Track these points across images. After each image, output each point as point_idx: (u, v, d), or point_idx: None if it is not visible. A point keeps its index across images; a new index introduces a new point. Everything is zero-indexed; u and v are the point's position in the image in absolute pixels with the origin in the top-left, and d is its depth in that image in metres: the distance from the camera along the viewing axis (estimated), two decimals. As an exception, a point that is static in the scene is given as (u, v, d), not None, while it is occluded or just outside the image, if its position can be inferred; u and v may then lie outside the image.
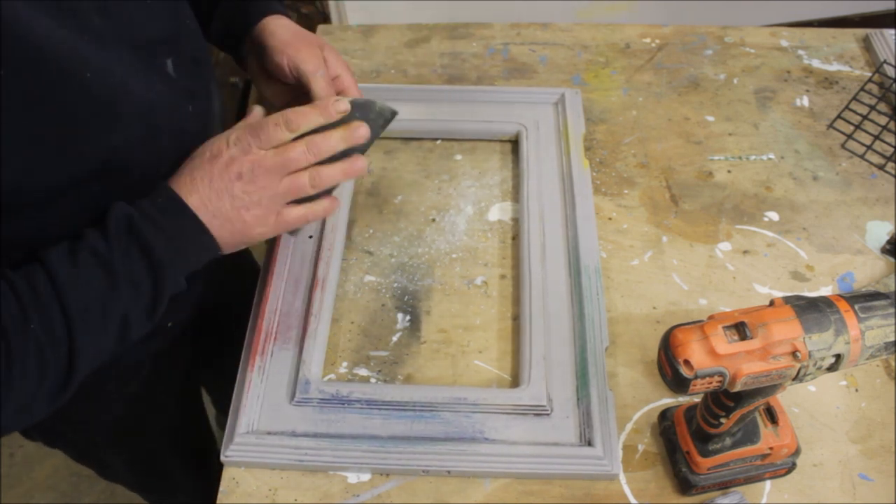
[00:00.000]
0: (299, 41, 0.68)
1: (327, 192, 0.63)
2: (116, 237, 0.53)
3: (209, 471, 0.95)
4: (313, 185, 0.60)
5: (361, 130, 0.61)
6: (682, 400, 0.67)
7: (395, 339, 0.73)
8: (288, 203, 0.61)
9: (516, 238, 0.80)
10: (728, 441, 0.59)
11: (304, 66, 0.66)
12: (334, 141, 0.60)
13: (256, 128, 0.58)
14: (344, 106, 0.61)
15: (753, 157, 0.89)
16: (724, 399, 0.55)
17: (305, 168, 0.60)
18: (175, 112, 0.60)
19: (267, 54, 0.68)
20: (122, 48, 0.54)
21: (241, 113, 2.00)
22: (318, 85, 0.66)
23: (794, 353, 0.50)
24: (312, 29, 1.04)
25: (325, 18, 2.03)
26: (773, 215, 0.83)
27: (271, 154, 0.58)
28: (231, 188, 0.57)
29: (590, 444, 0.63)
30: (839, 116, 0.91)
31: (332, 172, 0.61)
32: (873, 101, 0.92)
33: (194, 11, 0.67)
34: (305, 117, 0.59)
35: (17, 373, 0.49)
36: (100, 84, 0.51)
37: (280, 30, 0.70)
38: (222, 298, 0.82)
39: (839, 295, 0.52)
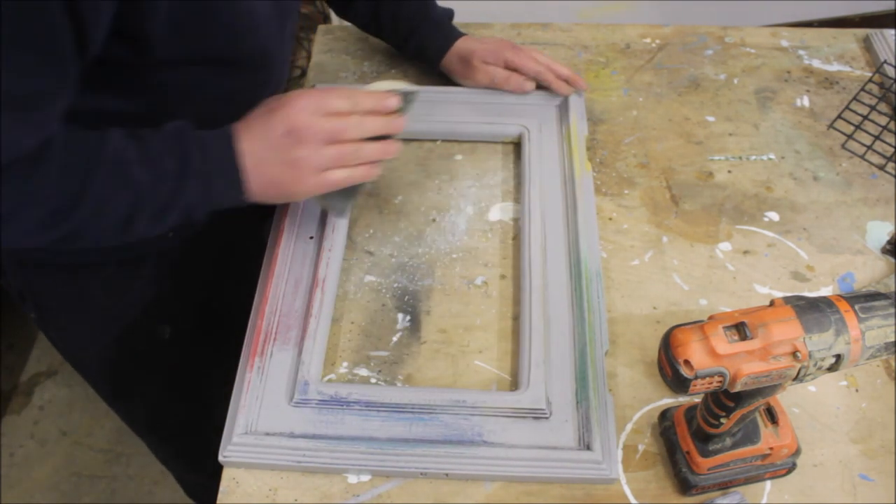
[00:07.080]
0: (497, 49, 0.89)
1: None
2: (165, 134, 0.60)
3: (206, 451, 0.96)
4: (356, 157, 0.65)
5: (399, 122, 0.67)
6: (683, 400, 0.67)
7: (395, 339, 0.73)
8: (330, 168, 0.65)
9: (517, 238, 0.80)
10: (728, 441, 0.59)
11: (524, 69, 0.89)
12: (379, 124, 0.66)
13: (322, 93, 0.63)
14: (395, 103, 0.66)
15: (754, 158, 0.89)
16: (725, 399, 0.55)
17: (350, 141, 0.64)
18: (271, 28, 0.68)
19: (472, 72, 0.90)
20: None
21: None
22: (554, 85, 0.90)
23: (794, 354, 0.50)
24: (313, 29, 1.04)
25: (326, 18, 2.03)
26: (774, 215, 0.82)
27: (324, 120, 0.62)
28: (280, 143, 0.62)
29: (588, 447, 0.63)
30: (839, 117, 0.91)
31: (372, 150, 0.66)
32: (873, 102, 0.92)
33: None
34: (367, 100, 0.65)
35: (42, 173, 0.55)
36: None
37: (473, 45, 0.91)
38: (224, 298, 0.82)
39: (839, 295, 0.52)
